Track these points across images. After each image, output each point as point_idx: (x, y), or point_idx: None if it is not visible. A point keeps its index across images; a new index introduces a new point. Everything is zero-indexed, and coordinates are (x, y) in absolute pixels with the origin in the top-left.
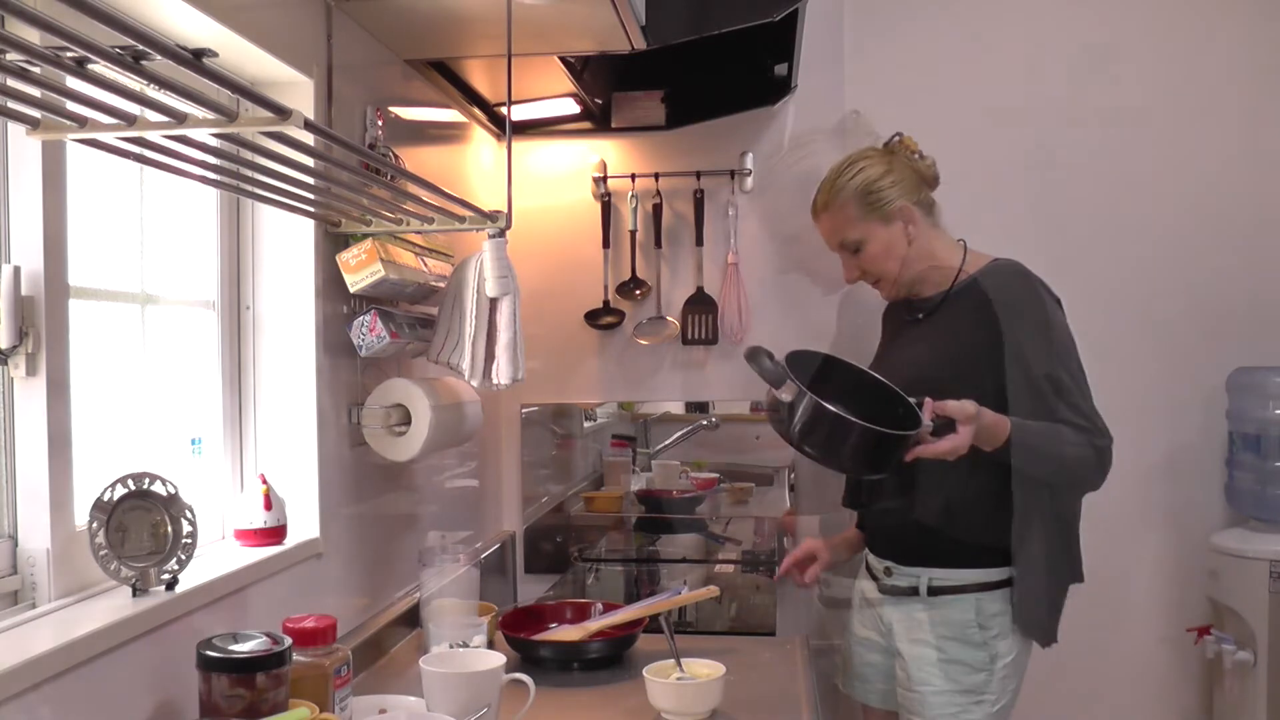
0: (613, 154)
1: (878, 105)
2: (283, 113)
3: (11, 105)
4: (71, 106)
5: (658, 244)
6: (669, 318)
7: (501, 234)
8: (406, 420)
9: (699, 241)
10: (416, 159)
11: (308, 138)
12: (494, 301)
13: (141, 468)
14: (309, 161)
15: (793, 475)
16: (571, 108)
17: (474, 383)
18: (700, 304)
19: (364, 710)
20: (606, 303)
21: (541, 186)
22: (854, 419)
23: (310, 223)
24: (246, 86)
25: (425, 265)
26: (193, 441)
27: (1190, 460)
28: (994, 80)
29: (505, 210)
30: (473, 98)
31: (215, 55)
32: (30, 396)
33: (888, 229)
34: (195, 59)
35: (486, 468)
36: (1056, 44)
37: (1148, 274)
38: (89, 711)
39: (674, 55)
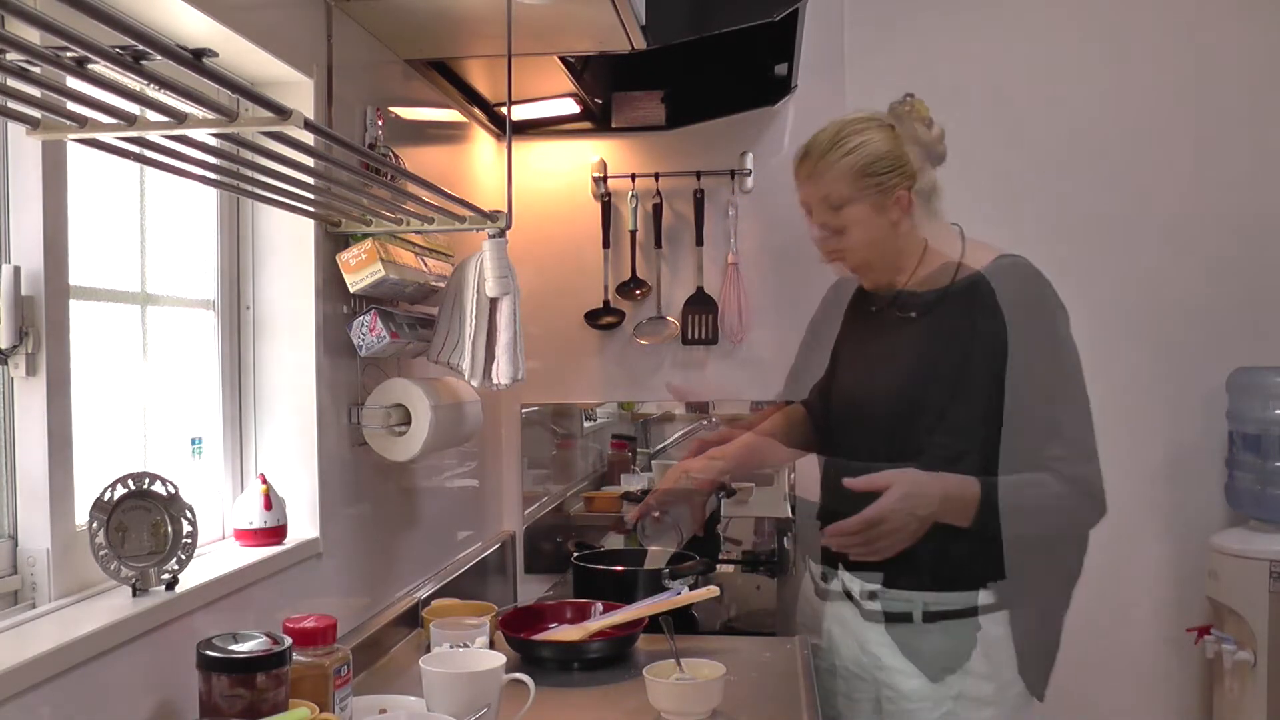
0: (613, 154)
1: (877, 105)
2: (283, 113)
3: (11, 105)
4: (71, 106)
5: (658, 244)
6: (669, 318)
7: (501, 234)
8: (406, 420)
9: (699, 241)
10: (416, 159)
11: (308, 138)
12: (494, 301)
13: (141, 468)
14: (309, 161)
15: (792, 476)
16: (571, 108)
17: (474, 383)
18: (700, 304)
19: (364, 710)
20: (606, 303)
21: (541, 186)
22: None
23: (310, 223)
24: (246, 86)
25: (425, 265)
26: (193, 441)
27: (1190, 460)
28: (994, 80)
29: (505, 210)
30: (473, 98)
31: (215, 55)
32: (30, 396)
33: (880, 217)
34: (195, 59)
35: (486, 468)
36: (1057, 44)
37: (1148, 274)
38: (89, 711)
39: (674, 55)
